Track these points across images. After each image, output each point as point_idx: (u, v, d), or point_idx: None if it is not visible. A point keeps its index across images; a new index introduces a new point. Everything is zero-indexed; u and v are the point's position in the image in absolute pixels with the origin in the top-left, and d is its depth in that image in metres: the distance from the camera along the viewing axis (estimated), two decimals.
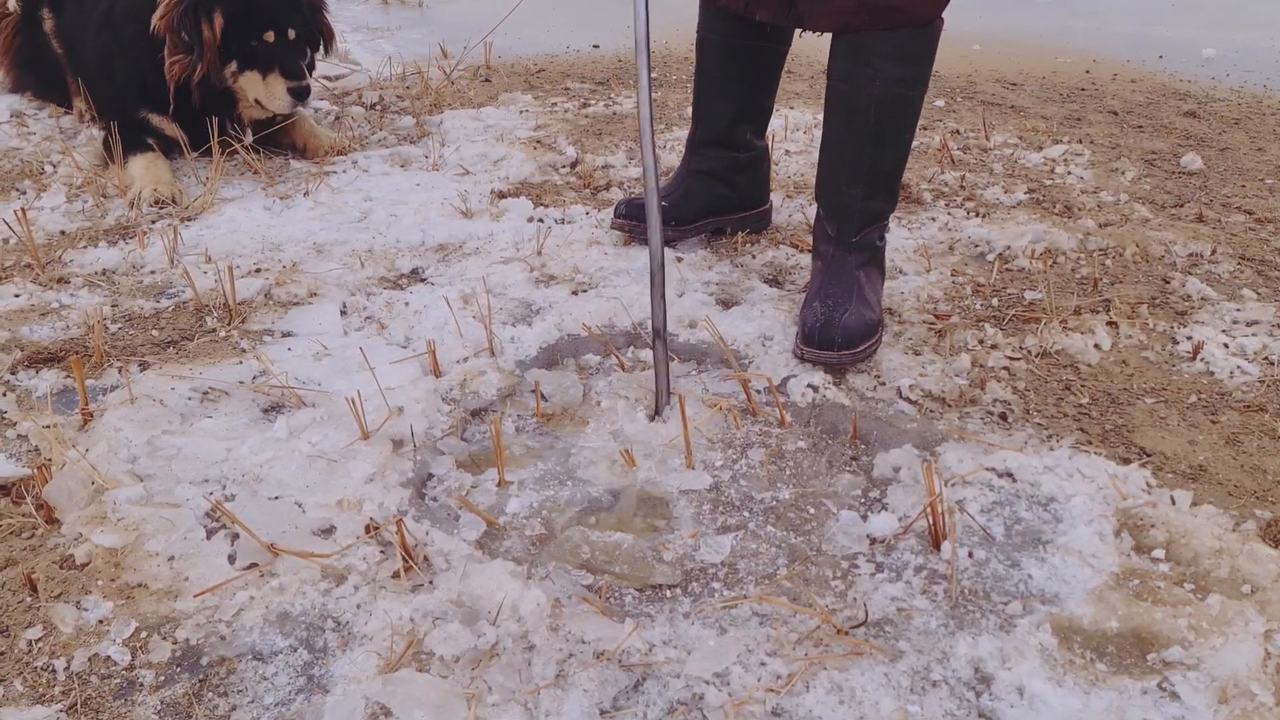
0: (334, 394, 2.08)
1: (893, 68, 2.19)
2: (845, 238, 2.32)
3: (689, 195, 2.75)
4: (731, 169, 2.74)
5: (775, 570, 1.70)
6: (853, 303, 2.23)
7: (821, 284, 2.30)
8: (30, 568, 1.65)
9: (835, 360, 2.16)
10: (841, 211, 2.32)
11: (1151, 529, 1.73)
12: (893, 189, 2.35)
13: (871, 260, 2.36)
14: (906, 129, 2.29)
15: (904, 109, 2.25)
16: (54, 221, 2.88)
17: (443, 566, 1.67)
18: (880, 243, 2.38)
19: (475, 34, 4.70)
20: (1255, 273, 2.66)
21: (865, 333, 2.19)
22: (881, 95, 2.20)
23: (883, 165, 2.28)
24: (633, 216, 2.72)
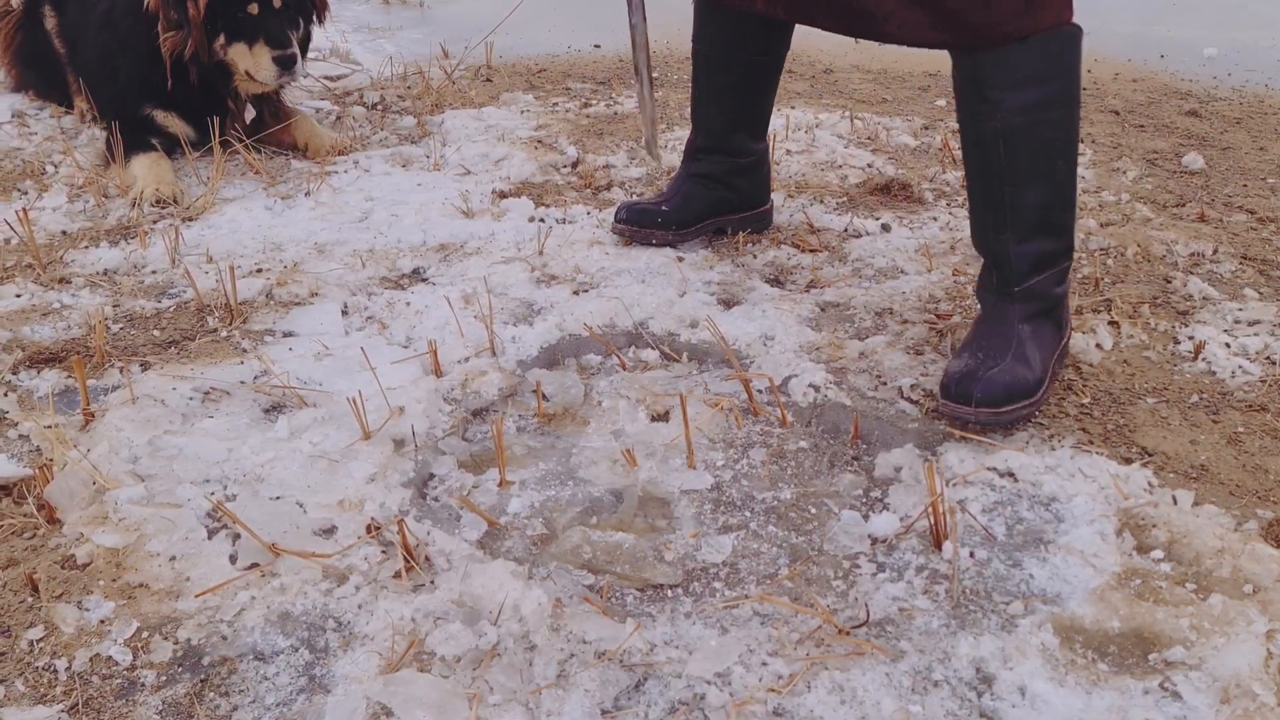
0: (335, 394, 2.08)
1: (1012, 94, 1.94)
2: (1005, 286, 2.07)
3: (689, 199, 2.74)
4: (731, 172, 2.73)
5: (777, 570, 1.70)
6: (1007, 358, 1.99)
7: (975, 333, 2.09)
8: (31, 568, 1.65)
9: (972, 419, 1.95)
10: (996, 259, 2.08)
11: (1153, 529, 1.73)
12: (1056, 227, 2.06)
13: (1042, 313, 2.08)
14: (1054, 157, 2.00)
15: (1040, 136, 1.97)
16: (55, 221, 2.88)
17: (444, 566, 1.67)
18: (1059, 290, 2.10)
19: (476, 34, 4.70)
20: (1257, 272, 2.66)
21: (1013, 393, 1.95)
22: (1006, 127, 1.96)
23: (1030, 202, 2.01)
24: (633, 221, 2.72)
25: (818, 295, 2.52)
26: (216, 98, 3.26)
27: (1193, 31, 4.95)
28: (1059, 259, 2.08)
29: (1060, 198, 2.04)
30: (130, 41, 3.18)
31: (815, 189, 3.17)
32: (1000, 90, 1.94)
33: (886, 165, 3.38)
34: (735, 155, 2.70)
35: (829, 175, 3.29)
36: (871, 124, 3.76)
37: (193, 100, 3.24)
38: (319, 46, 4.67)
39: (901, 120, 3.85)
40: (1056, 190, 2.03)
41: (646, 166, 3.24)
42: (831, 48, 4.92)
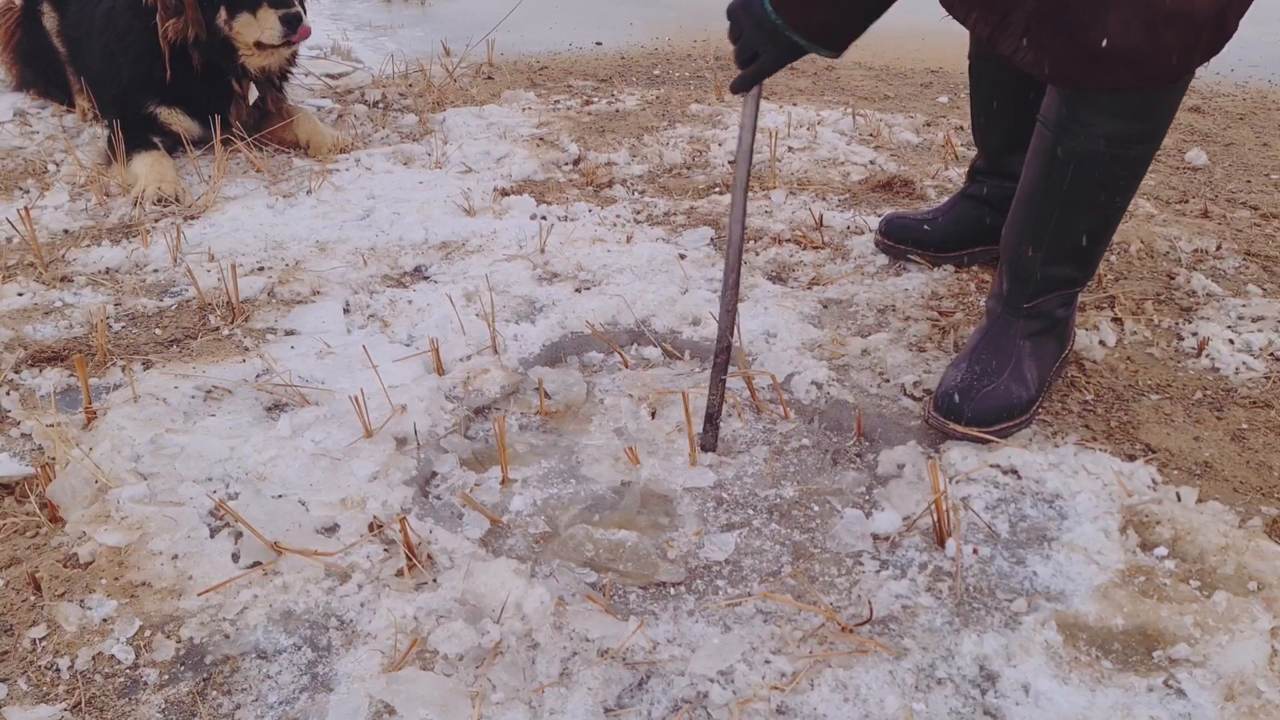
0: (337, 392, 2.08)
1: (1107, 121, 1.82)
2: (1015, 301, 2.04)
3: (958, 221, 2.59)
4: (1003, 198, 2.44)
5: (779, 568, 1.70)
6: (1004, 375, 1.97)
7: (976, 345, 2.05)
8: (34, 567, 1.65)
9: (961, 436, 1.95)
10: (1016, 271, 2.03)
11: (1157, 526, 1.73)
12: (1088, 257, 2.00)
13: (1045, 331, 2.06)
14: (1116, 193, 1.92)
15: (1114, 170, 1.88)
16: (57, 220, 2.88)
17: (446, 565, 1.67)
18: (1062, 312, 2.07)
19: (478, 31, 4.69)
20: (1261, 268, 2.65)
21: (1005, 411, 1.95)
22: (1086, 152, 1.86)
23: (1073, 230, 1.95)
24: (892, 237, 2.64)
25: (820, 292, 2.52)
26: (219, 90, 3.27)
27: None
28: (1075, 284, 2.05)
29: (1104, 232, 1.98)
30: (131, 39, 3.18)
31: (817, 186, 3.17)
32: (1096, 114, 1.83)
33: (889, 162, 3.37)
34: (1012, 179, 2.37)
35: (831, 172, 3.29)
36: (874, 121, 3.75)
37: (195, 94, 3.25)
38: (320, 44, 4.67)
39: (904, 117, 3.85)
40: (1103, 224, 1.97)
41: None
42: None
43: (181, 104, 3.26)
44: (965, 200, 2.60)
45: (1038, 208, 1.96)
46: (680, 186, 3.19)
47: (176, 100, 3.25)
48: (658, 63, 4.67)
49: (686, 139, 3.57)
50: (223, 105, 3.29)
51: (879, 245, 2.70)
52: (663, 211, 2.98)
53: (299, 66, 3.75)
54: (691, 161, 3.39)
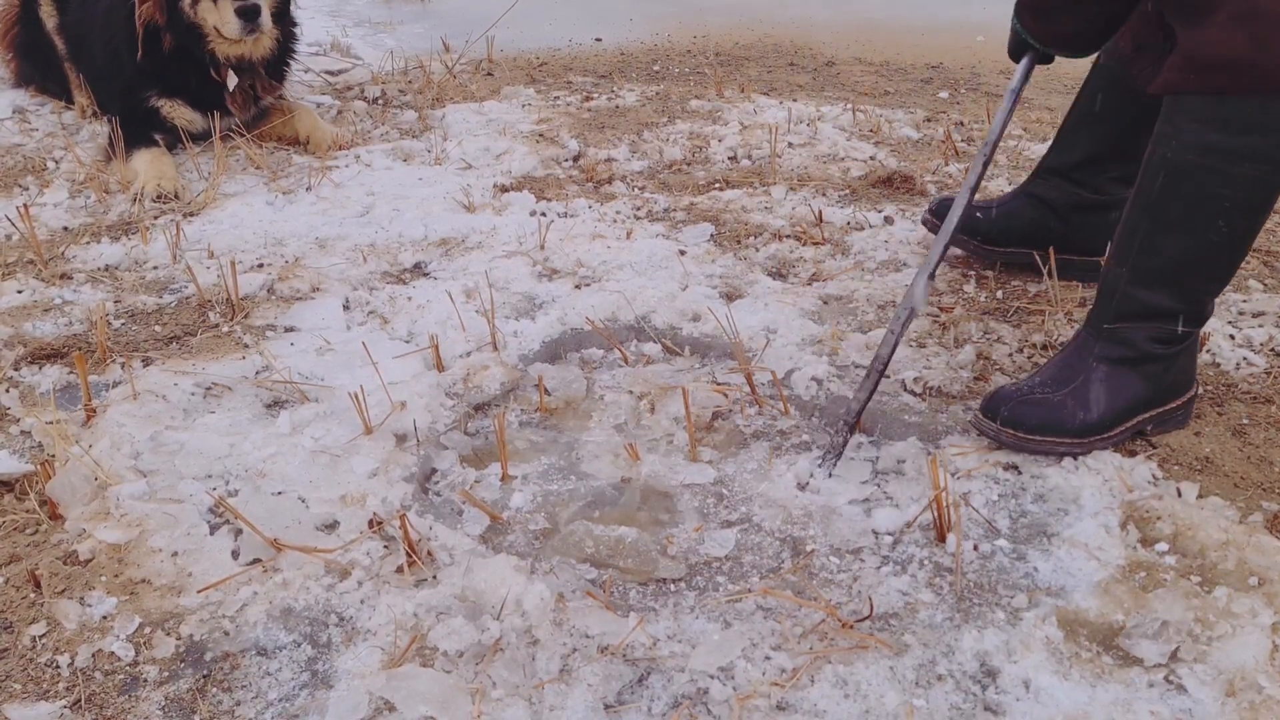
0: (337, 389, 2.08)
1: (1200, 129, 1.72)
2: (1097, 319, 1.92)
3: (1010, 215, 2.47)
4: (1072, 205, 2.40)
5: (780, 564, 1.70)
6: (1064, 390, 1.87)
7: (1054, 357, 1.98)
8: (34, 564, 1.65)
9: (993, 434, 1.87)
10: (1104, 286, 1.91)
11: (1158, 521, 1.73)
12: (1185, 288, 1.84)
13: (1127, 362, 1.89)
14: (1218, 215, 1.75)
15: (1211, 188, 1.74)
16: (57, 218, 2.88)
17: (446, 561, 1.67)
18: (1154, 349, 1.88)
19: (477, 28, 4.69)
20: (1261, 264, 2.65)
21: (1049, 425, 1.84)
22: (1176, 162, 1.75)
23: (1164, 250, 1.81)
24: (939, 215, 2.50)
25: (820, 288, 2.51)
26: (210, 79, 3.27)
27: None
28: (1170, 318, 1.87)
29: (1206, 261, 1.82)
30: (128, 35, 3.18)
31: (817, 182, 3.16)
32: (1186, 120, 1.74)
33: (889, 158, 3.37)
34: (1082, 187, 2.38)
35: (831, 168, 3.28)
36: (873, 116, 3.74)
37: (191, 85, 3.25)
38: (319, 41, 4.67)
39: (903, 113, 3.84)
40: (1204, 251, 1.80)
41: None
42: (833, 39, 4.91)
43: (183, 95, 3.26)
44: (1025, 197, 2.47)
45: (1128, 219, 1.85)
46: (680, 182, 3.19)
47: (177, 92, 3.25)
48: (657, 59, 4.67)
49: (686, 135, 3.56)
50: (218, 96, 3.29)
51: (926, 224, 2.57)
52: (663, 208, 2.98)
53: (298, 62, 3.75)
54: (691, 158, 3.39)
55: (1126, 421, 1.91)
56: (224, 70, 3.27)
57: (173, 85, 3.25)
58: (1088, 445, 1.88)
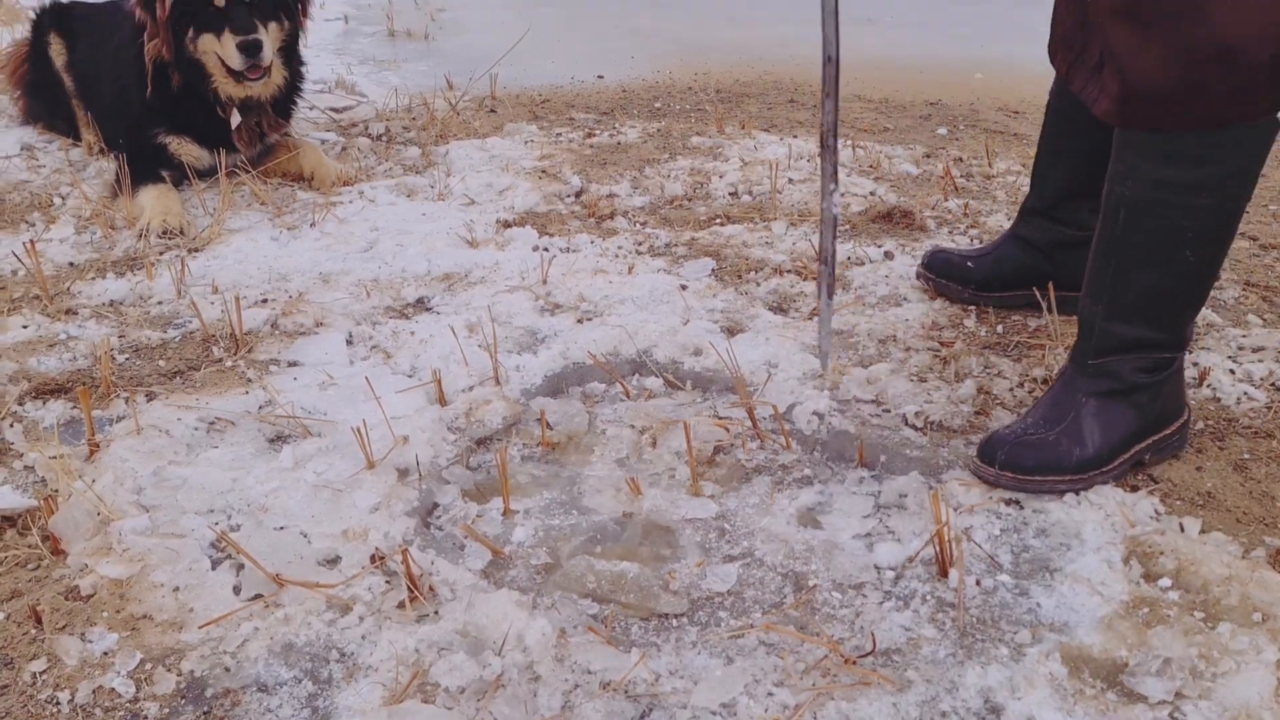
0: (340, 423, 2.08)
1: (1152, 165, 1.74)
2: (1081, 356, 1.94)
3: (1000, 261, 2.51)
4: (1055, 244, 2.43)
5: (782, 599, 1.69)
6: (1057, 429, 1.88)
7: (1043, 397, 1.99)
8: (35, 599, 1.64)
9: (993, 480, 1.87)
10: (1082, 324, 1.94)
11: (1160, 556, 1.72)
12: (1160, 317, 1.86)
13: (1115, 394, 1.91)
14: (1182, 246, 1.78)
15: (1171, 220, 1.76)
16: (63, 253, 2.90)
17: (448, 596, 1.67)
18: (1138, 378, 1.90)
19: (481, 65, 4.74)
20: (1260, 299, 2.66)
21: (1047, 464, 1.85)
22: (1134, 199, 1.77)
23: (1136, 284, 1.84)
24: (933, 270, 2.58)
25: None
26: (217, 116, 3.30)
27: None
28: (1152, 348, 1.90)
29: (1178, 291, 1.85)
30: (136, 73, 3.23)
31: (818, 217, 3.18)
32: (1140, 157, 1.76)
33: (889, 193, 3.39)
34: (1064, 225, 2.41)
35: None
36: (873, 152, 3.77)
37: (199, 121, 3.29)
38: (325, 78, 4.72)
39: (903, 149, 3.87)
40: (1175, 281, 1.83)
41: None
42: None
43: (189, 132, 3.30)
44: (1013, 241, 2.52)
45: (1096, 257, 1.88)
46: (681, 218, 3.21)
47: (184, 129, 3.29)
48: (659, 96, 4.71)
49: (687, 171, 3.59)
50: (224, 133, 3.32)
51: (921, 278, 2.64)
52: (664, 243, 3.00)
53: (305, 100, 3.79)
54: (692, 193, 3.42)
55: (1124, 453, 1.91)
56: (229, 108, 3.30)
57: (180, 122, 3.28)
58: (1088, 480, 1.89)
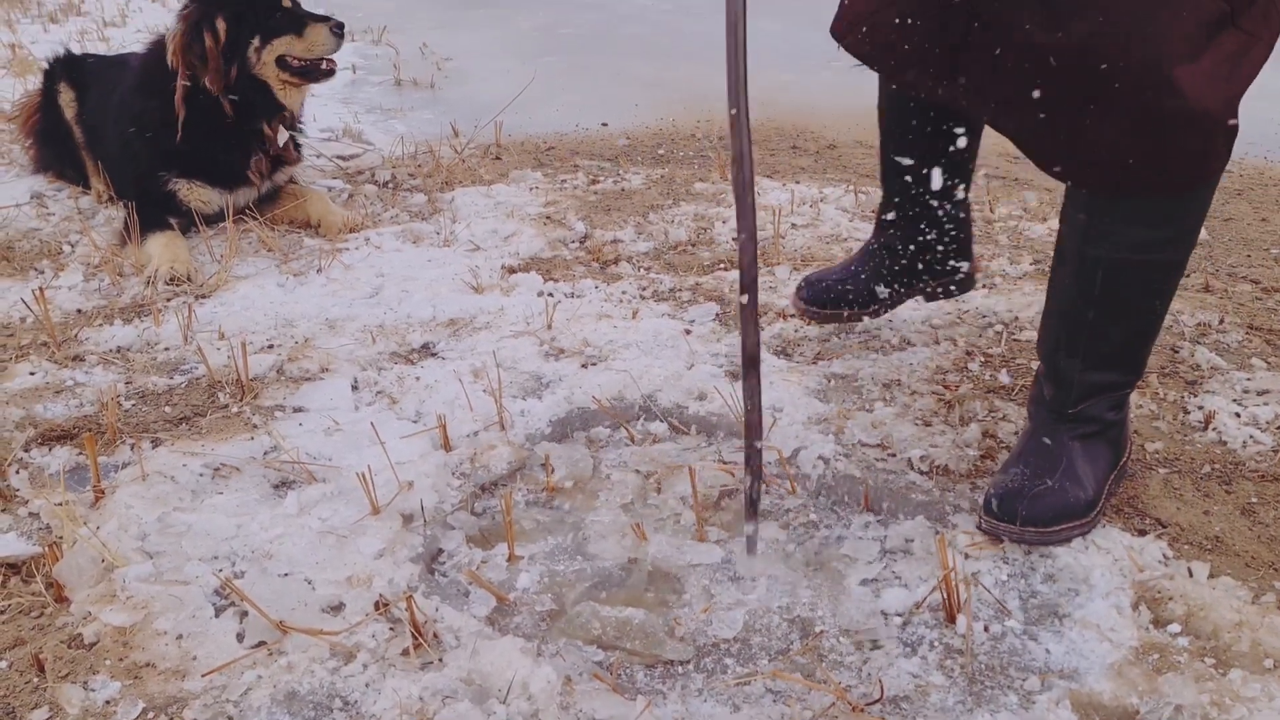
0: (345, 469, 2.08)
1: (1128, 229, 1.77)
2: (1059, 407, 1.96)
3: (871, 276, 2.52)
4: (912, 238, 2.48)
5: (789, 646, 1.68)
6: (1056, 475, 1.88)
7: (1023, 449, 1.97)
8: (38, 647, 1.64)
9: (1017, 538, 1.85)
10: (1057, 378, 1.96)
11: (1170, 602, 1.71)
12: (1131, 361, 1.94)
13: (1097, 435, 1.96)
14: (1153, 297, 1.86)
15: (1145, 276, 1.82)
16: (71, 300, 2.92)
17: (452, 643, 1.66)
18: (1112, 415, 1.97)
19: (486, 113, 4.79)
20: (1264, 342, 2.66)
21: (1063, 512, 1.85)
22: (1112, 260, 1.80)
23: (1112, 337, 1.88)
24: (815, 302, 2.51)
25: (825, 367, 2.53)
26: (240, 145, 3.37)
27: None
28: (1122, 387, 1.97)
29: (1146, 335, 1.92)
30: (146, 121, 3.27)
31: (821, 262, 3.20)
32: (1119, 224, 1.78)
33: None
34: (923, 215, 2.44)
35: (834, 248, 3.32)
36: (875, 198, 3.80)
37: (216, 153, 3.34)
38: (332, 127, 4.77)
39: None
40: (1144, 327, 1.90)
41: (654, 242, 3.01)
42: (834, 123, 5.00)
43: (201, 174, 3.34)
44: (879, 252, 2.52)
45: (1071, 315, 1.90)
46: (685, 263, 3.23)
47: (196, 171, 3.33)
48: (662, 143, 4.76)
49: (691, 217, 3.62)
50: (236, 171, 3.38)
51: (800, 312, 2.56)
52: (668, 288, 3.02)
53: (312, 149, 3.84)
54: (696, 239, 3.44)
55: (1104, 487, 1.95)
56: (275, 124, 3.39)
57: (192, 165, 3.32)
58: (1093, 521, 1.89)
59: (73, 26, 7.54)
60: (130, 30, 7.45)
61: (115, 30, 7.46)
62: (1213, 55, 1.62)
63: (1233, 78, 1.65)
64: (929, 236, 2.47)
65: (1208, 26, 1.61)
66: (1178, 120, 1.64)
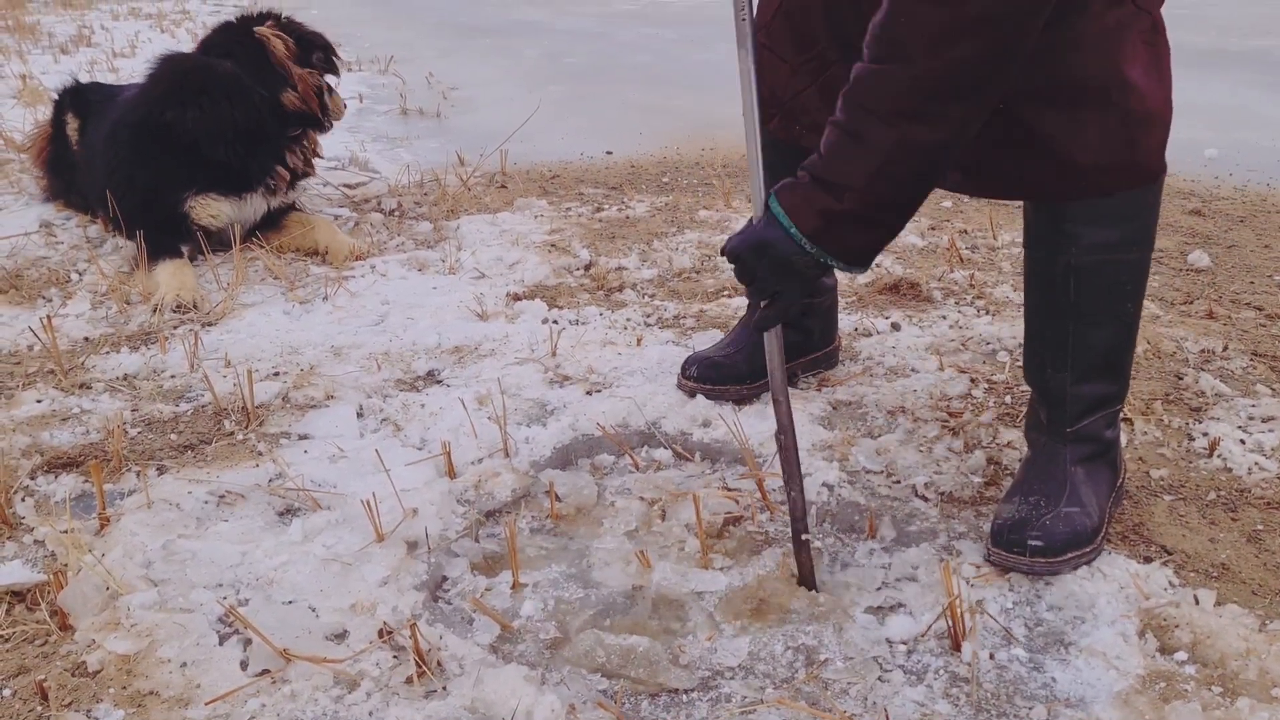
0: (349, 496, 2.09)
1: (1093, 231, 1.84)
2: (1058, 427, 1.99)
3: (758, 348, 2.45)
4: (804, 314, 2.52)
5: (794, 674, 1.68)
6: (1060, 503, 1.89)
7: (1025, 476, 1.99)
8: (42, 675, 1.64)
9: (1027, 569, 1.84)
10: (1049, 397, 1.99)
11: (1176, 629, 1.70)
12: (1116, 369, 1.98)
13: (1096, 456, 1.99)
14: (1125, 299, 1.91)
15: (1114, 277, 1.88)
16: (78, 328, 2.94)
17: (456, 671, 1.65)
18: (1109, 434, 2.01)
19: (491, 142, 4.83)
20: (1269, 369, 2.66)
21: (1071, 540, 1.85)
22: (1080, 265, 1.86)
23: (1094, 344, 1.93)
24: (704, 379, 2.47)
25: (829, 394, 2.53)
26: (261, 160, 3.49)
27: (1194, 133, 5.05)
28: (1113, 401, 1.99)
29: (1124, 340, 1.96)
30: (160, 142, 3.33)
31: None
32: (1081, 225, 1.84)
33: (894, 265, 3.42)
34: (809, 295, 2.49)
35: (839, 275, 3.33)
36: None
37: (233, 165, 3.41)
38: (339, 156, 4.81)
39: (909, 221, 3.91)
40: (1122, 332, 1.95)
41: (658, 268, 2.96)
42: None
43: (218, 185, 3.40)
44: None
45: (1051, 328, 1.95)
46: (689, 290, 3.24)
47: (213, 183, 3.38)
48: (666, 170, 4.79)
49: (695, 244, 3.64)
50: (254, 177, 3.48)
51: (688, 390, 2.49)
52: (672, 315, 3.03)
53: (318, 177, 3.87)
54: (700, 266, 3.45)
55: (1106, 510, 1.96)
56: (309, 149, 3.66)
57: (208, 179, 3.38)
58: (1099, 547, 1.90)
59: (83, 57, 7.62)
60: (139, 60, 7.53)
61: (124, 60, 7.55)
62: (1144, 62, 1.77)
63: (1164, 80, 1.80)
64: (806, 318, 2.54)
65: (1142, 37, 1.76)
66: (1140, 116, 1.77)
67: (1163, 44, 1.80)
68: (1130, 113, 1.75)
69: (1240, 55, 7.47)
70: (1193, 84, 6.29)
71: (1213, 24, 8.83)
